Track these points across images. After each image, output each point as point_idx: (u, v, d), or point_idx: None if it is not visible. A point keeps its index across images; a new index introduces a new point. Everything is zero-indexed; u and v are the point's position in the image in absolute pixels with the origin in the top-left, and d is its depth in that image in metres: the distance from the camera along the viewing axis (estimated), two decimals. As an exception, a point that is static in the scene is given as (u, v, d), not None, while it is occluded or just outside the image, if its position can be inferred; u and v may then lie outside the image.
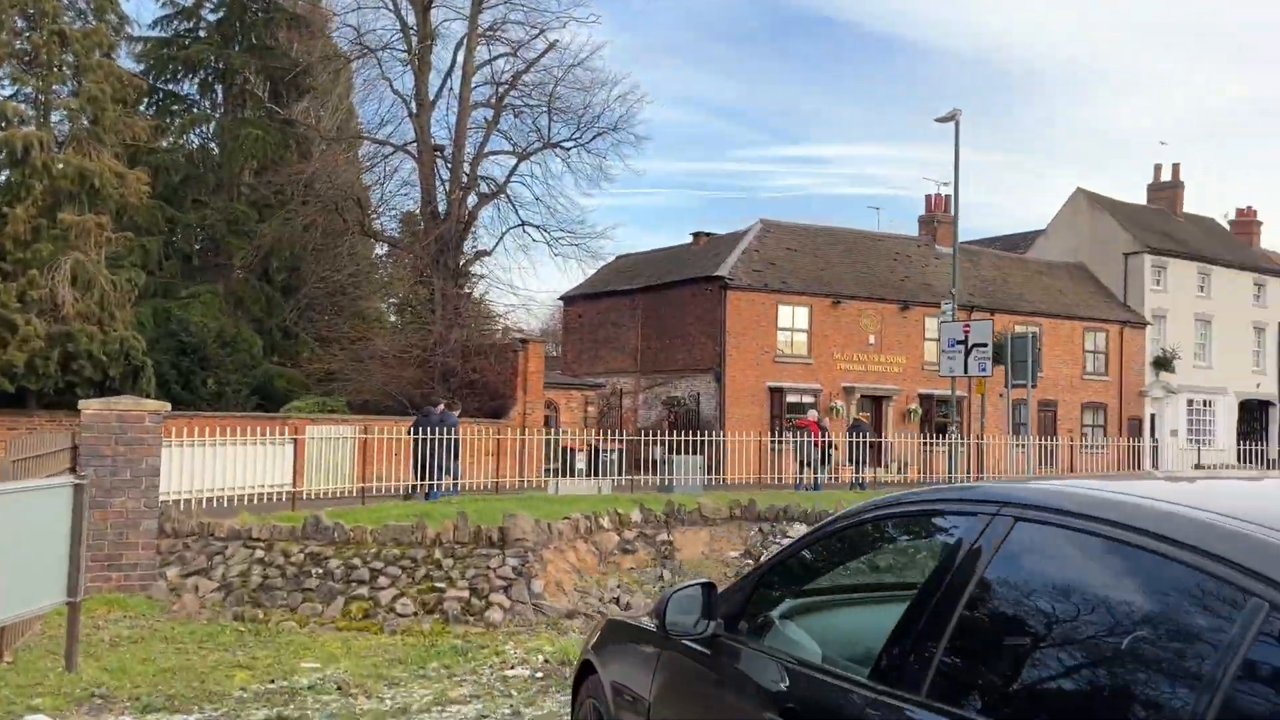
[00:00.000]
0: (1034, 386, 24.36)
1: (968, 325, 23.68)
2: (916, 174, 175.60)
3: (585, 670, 4.60)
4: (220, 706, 6.66)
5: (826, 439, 24.63)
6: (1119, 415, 42.87)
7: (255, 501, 12.77)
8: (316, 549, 10.51)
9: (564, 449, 27.35)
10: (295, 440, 13.12)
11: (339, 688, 7.01)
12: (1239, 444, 41.79)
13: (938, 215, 41.82)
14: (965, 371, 23.57)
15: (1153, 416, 44.09)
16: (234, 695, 6.91)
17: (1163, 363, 43.65)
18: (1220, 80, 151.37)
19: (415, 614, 9.48)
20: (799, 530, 11.31)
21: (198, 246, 34.10)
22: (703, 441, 25.31)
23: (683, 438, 19.88)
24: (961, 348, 23.39)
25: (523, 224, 33.61)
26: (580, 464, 25.97)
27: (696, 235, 40.65)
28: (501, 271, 52.90)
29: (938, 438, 37.00)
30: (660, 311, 38.00)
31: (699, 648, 3.47)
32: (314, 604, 9.77)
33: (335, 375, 31.86)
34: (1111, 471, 31.09)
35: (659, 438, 25.80)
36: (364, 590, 9.83)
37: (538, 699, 6.90)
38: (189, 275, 32.32)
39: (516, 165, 32.56)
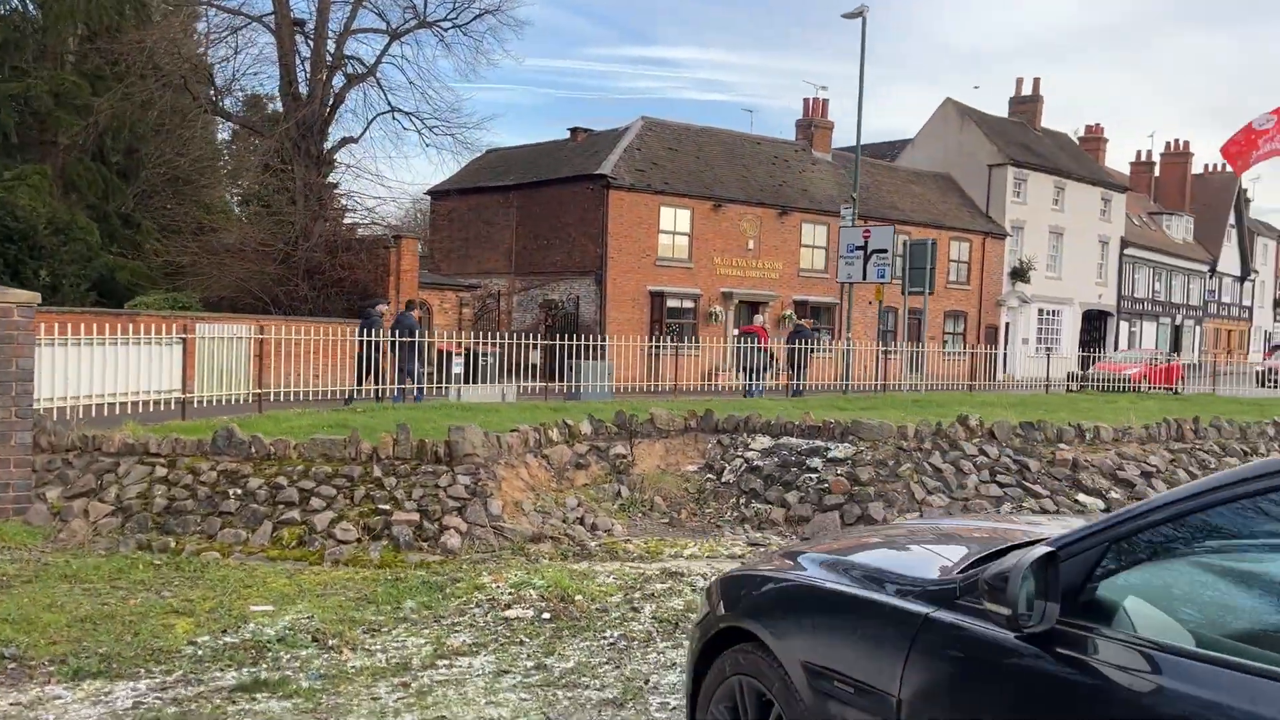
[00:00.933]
0: (931, 293, 24.40)
1: (867, 230, 23.37)
2: (769, 82, 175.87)
3: (723, 639, 3.65)
4: (173, 668, 5.41)
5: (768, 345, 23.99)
6: (978, 323, 44.32)
7: (142, 410, 11.09)
8: (231, 466, 9.07)
9: (441, 352, 25.77)
10: (185, 340, 11.42)
11: (314, 639, 5.84)
12: (1080, 351, 43.96)
13: (815, 120, 41.48)
14: (864, 277, 23.36)
15: (1007, 325, 45.77)
16: (184, 652, 5.65)
17: (1019, 273, 45.19)
18: (1062, 5, 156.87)
19: (359, 540, 8.28)
20: (762, 442, 10.62)
21: (16, 121, 30.22)
22: (589, 347, 24.23)
23: (580, 342, 18.78)
24: (860, 253, 23.11)
25: (392, 110, 31.24)
26: (457, 369, 24.60)
27: (574, 131, 39.00)
28: (370, 162, 49.74)
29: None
30: (536, 210, 36.46)
31: (1000, 632, 2.58)
32: (236, 529, 8.41)
33: (185, 269, 29.15)
34: (966, 380, 31.85)
35: (539, 341, 24.61)
36: (295, 514, 8.52)
37: (556, 646, 5.93)
38: (8, 153, 28.65)
39: (388, 45, 30.07)
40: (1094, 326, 50.50)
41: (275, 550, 8.24)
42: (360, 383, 15.24)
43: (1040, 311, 47.29)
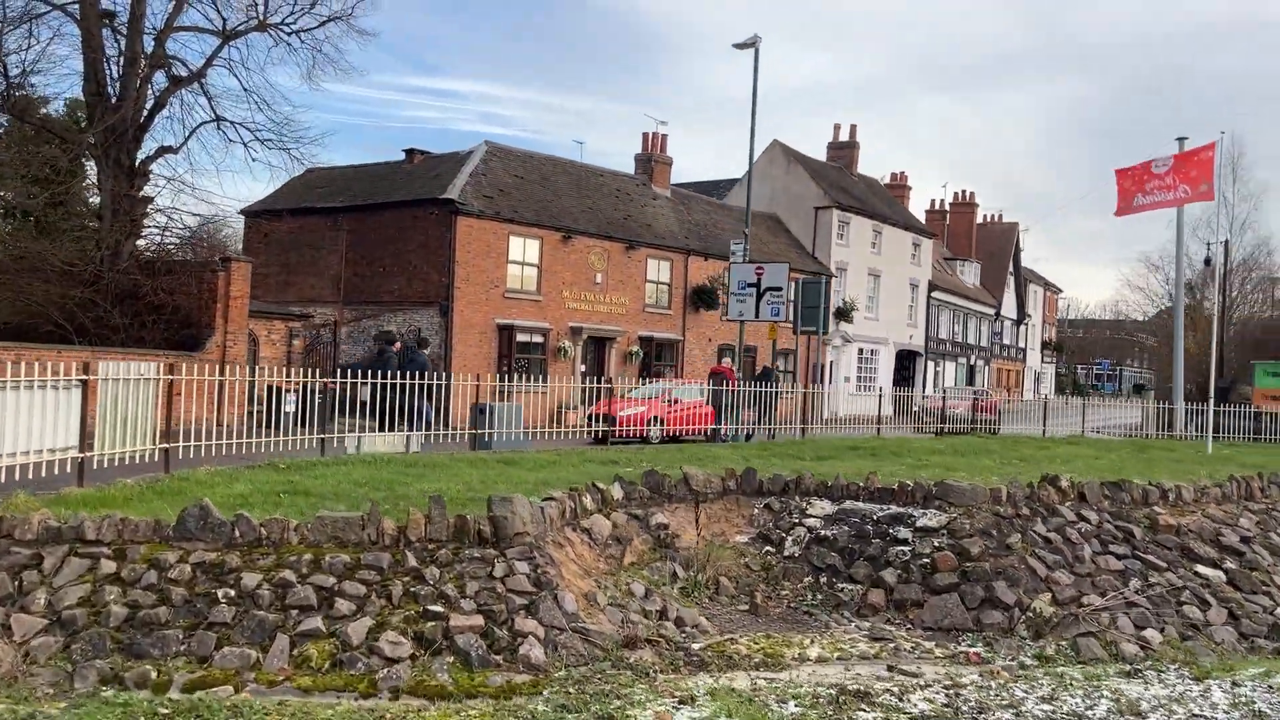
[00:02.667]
0: (825, 333, 24.00)
1: (760, 267, 22.71)
2: (551, 118, 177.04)
3: None
4: None
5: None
6: (805, 361, 45.05)
7: (32, 476, 8.47)
8: (210, 557, 6.86)
9: (273, 389, 22.84)
10: (85, 383, 8.81)
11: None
12: (895, 390, 45.59)
13: (655, 155, 41.02)
14: (757, 316, 22.66)
15: (831, 364, 46.82)
16: None
17: (843, 313, 46.39)
18: (816, 59, 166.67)
19: (413, 656, 6.34)
20: (822, 508, 9.35)
21: None
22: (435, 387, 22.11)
23: (436, 381, 16.72)
24: (753, 290, 22.40)
25: (218, 119, 27.96)
26: (289, 407, 21.93)
27: (410, 153, 36.66)
28: (197, 174, 44.84)
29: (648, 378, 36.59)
30: (371, 235, 33.84)
31: None
32: (240, 648, 6.25)
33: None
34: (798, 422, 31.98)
35: (386, 380, 22.30)
36: (318, 622, 6.47)
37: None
38: None
39: (220, 47, 26.87)
40: (905, 366, 52.63)
41: (305, 677, 6.17)
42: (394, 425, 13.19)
43: (860, 351, 48.74)
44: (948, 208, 65.48)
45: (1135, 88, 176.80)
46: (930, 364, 54.44)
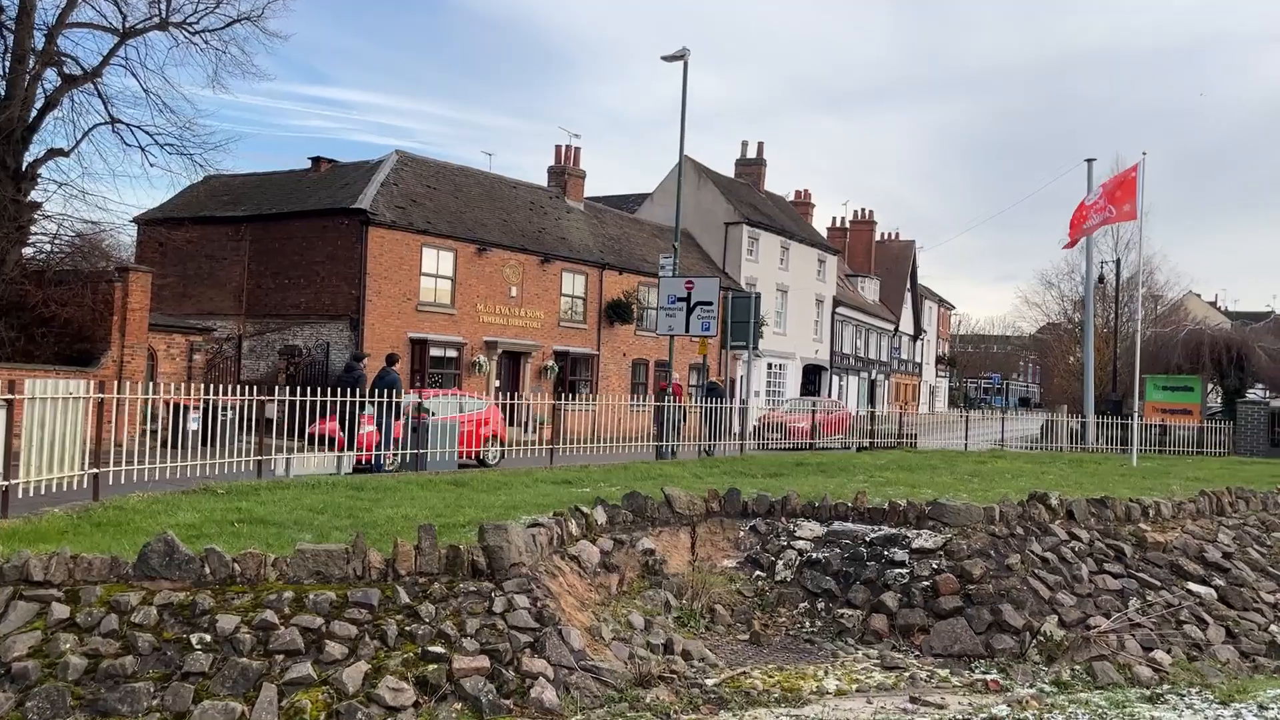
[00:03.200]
0: (756, 349, 23.93)
1: (690, 282, 22.48)
2: (450, 131, 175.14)
3: None
4: None
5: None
6: (717, 375, 45.18)
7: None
8: (178, 597, 6.13)
9: (177, 406, 21.63)
10: (10, 403, 7.87)
11: None
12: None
13: (568, 168, 40.62)
14: (687, 330, 22.42)
15: (741, 378, 47.01)
16: None
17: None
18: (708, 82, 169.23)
19: (417, 703, 5.76)
20: (811, 529, 9.02)
21: None
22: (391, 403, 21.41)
23: (388, 399, 15.99)
24: (684, 305, 22.17)
25: (113, 121, 26.42)
26: (194, 425, 20.80)
27: (315, 161, 35.44)
28: (93, 180, 42.22)
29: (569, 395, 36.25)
30: (275, 245, 32.54)
31: None
32: (223, 700, 5.56)
33: None
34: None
35: (294, 396, 21.43)
36: (307, 668, 5.81)
37: None
38: None
39: (118, 45, 25.40)
40: (811, 380, 53.27)
41: (299, 731, 5.54)
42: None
43: (770, 365, 49.11)
44: (848, 225, 66.75)
45: (1010, 112, 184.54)
46: (835, 378, 55.28)
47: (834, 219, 67.09)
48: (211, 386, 14.72)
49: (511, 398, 34.76)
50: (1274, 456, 24.72)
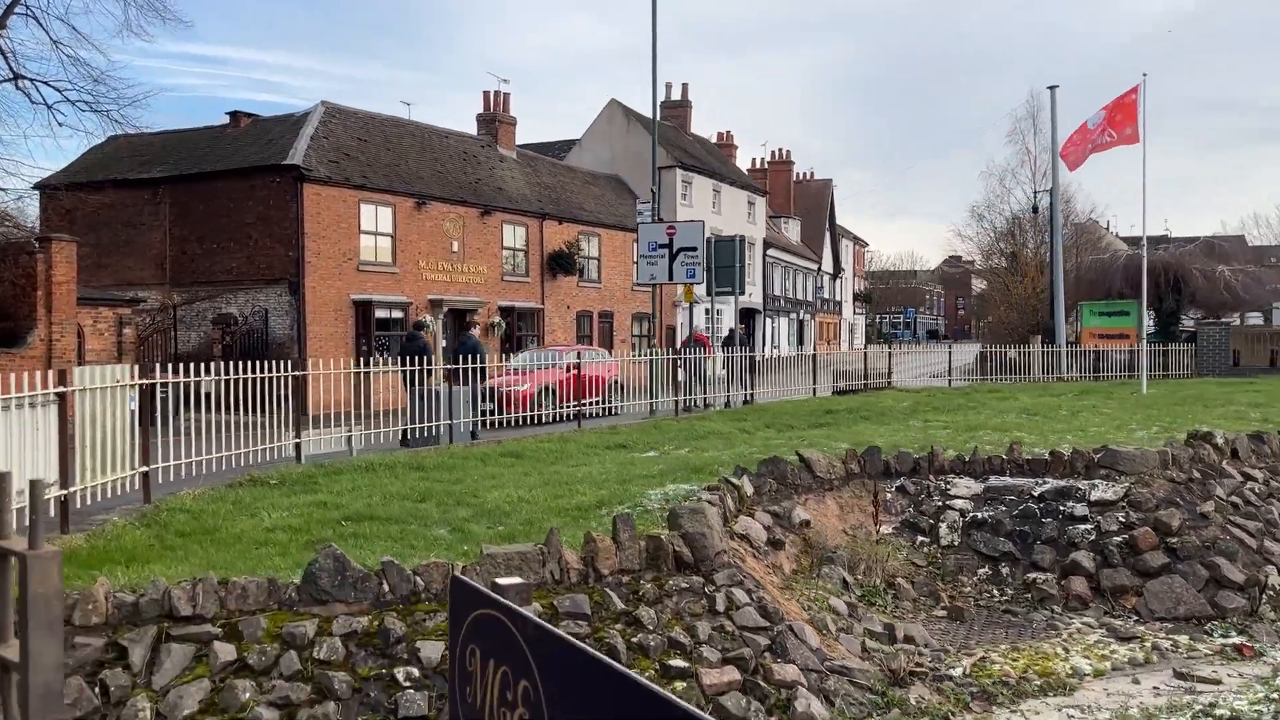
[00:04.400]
0: (741, 294, 23.19)
1: (671, 227, 21.56)
2: (332, 87, 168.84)
3: None
4: None
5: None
6: (660, 324, 44.45)
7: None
8: (362, 623, 5.10)
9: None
10: (62, 396, 6.53)
11: None
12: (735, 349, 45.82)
13: (499, 115, 38.89)
14: (671, 278, 21.52)
15: (681, 325, 46.42)
16: None
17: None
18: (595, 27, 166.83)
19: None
20: (967, 486, 8.37)
21: None
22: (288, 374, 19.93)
23: (334, 370, 14.63)
24: (665, 252, 21.23)
25: (17, 78, 23.96)
26: (131, 404, 19.13)
27: (234, 115, 33.07)
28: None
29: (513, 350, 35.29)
30: (200, 208, 30.36)
31: None
32: (445, 743, 4.61)
33: None
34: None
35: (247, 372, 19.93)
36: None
37: None
38: None
39: (19, -8, 22.91)
40: (746, 323, 52.99)
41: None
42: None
43: (706, 311, 48.51)
44: (767, 167, 66.36)
45: (898, 52, 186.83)
46: (768, 320, 55.18)
47: (754, 160, 66.55)
48: (167, 363, 13.23)
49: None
50: (1235, 376, 25.25)
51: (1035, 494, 8.64)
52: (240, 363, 11.54)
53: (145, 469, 8.01)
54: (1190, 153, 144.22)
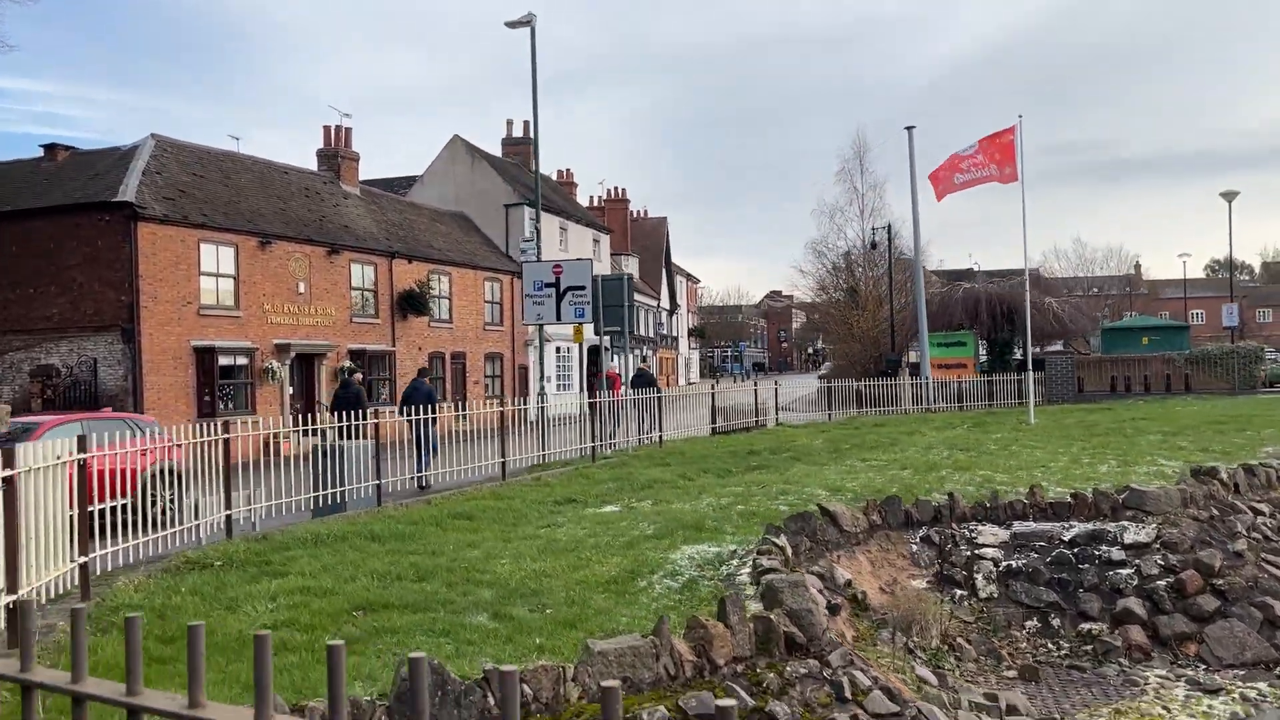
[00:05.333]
0: (631, 333, 22.64)
1: (558, 266, 20.88)
2: (128, 120, 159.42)
3: None
4: None
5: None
6: (512, 364, 43.48)
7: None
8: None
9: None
10: (9, 481, 5.15)
11: None
12: (588, 385, 45.46)
13: (341, 151, 37.20)
14: (559, 318, 20.80)
15: (531, 365, 45.64)
16: None
17: (541, 312, 45.30)
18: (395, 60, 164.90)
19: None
20: (992, 533, 7.98)
21: None
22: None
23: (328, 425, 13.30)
24: (552, 291, 20.54)
25: None
26: None
27: (51, 148, 30.19)
28: None
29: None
30: (12, 248, 27.46)
31: None
32: None
33: None
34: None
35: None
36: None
37: None
38: None
39: None
40: (592, 360, 52.63)
41: None
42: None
43: (558, 349, 47.98)
44: (604, 204, 66.59)
45: (704, 90, 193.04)
46: (615, 357, 54.90)
47: (590, 198, 66.65)
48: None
49: (308, 406, 31.49)
50: (1082, 402, 26.70)
51: (1065, 539, 8.50)
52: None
53: (84, 559, 6.65)
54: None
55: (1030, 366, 23.14)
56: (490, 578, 6.72)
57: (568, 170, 57.38)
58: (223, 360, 28.30)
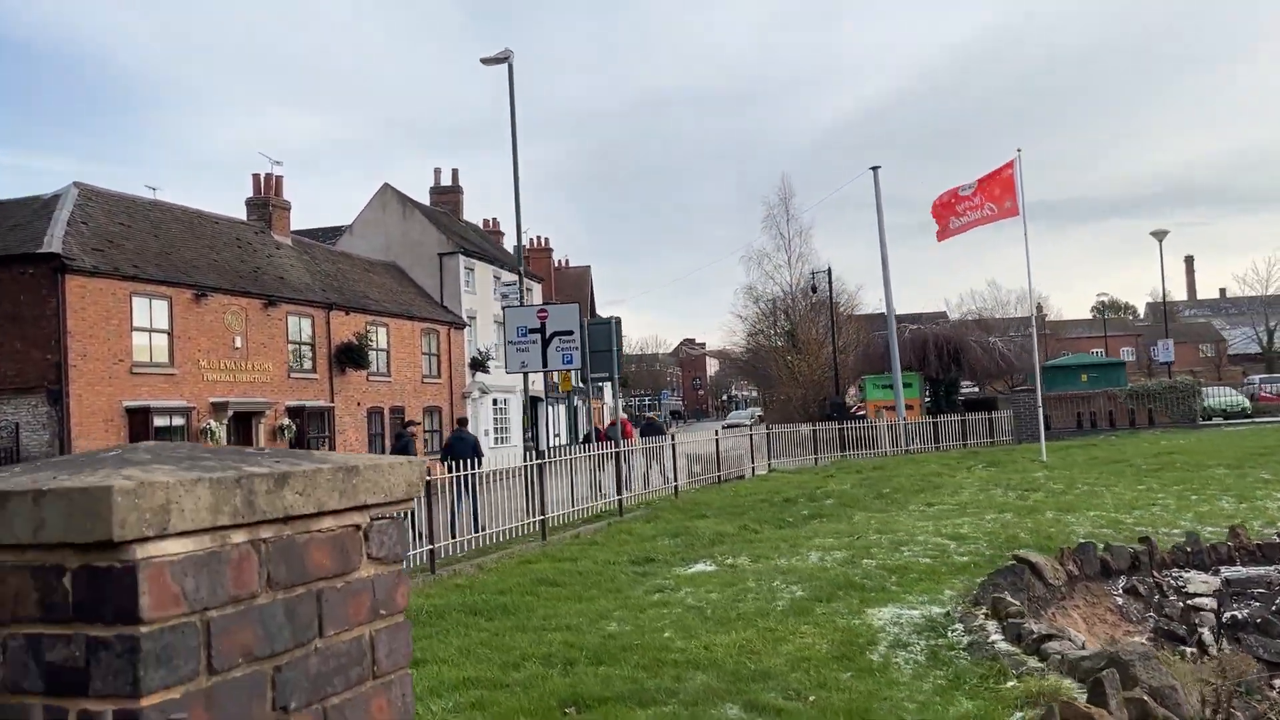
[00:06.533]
0: (620, 379, 21.65)
1: (543, 310, 19.85)
2: (15, 182, 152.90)
3: None
4: None
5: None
6: (451, 417, 41.92)
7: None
8: None
9: None
10: None
11: None
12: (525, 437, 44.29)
13: (272, 199, 35.51)
14: (545, 365, 19.71)
15: (470, 418, 44.16)
16: None
17: (479, 363, 44.06)
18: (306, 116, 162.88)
19: None
20: (1202, 581, 7.23)
21: None
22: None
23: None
24: (538, 337, 19.47)
25: None
26: None
27: (-40, 196, 27.85)
28: None
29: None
30: (-81, 305, 25.08)
31: None
32: None
33: None
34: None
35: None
36: None
37: None
38: None
39: None
40: (530, 412, 51.33)
41: None
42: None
43: (495, 401, 46.67)
44: (528, 254, 65.63)
45: (605, 147, 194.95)
46: (550, 408, 53.70)
47: (513, 248, 65.54)
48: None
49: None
50: (1057, 439, 26.69)
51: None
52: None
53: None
54: (900, 238, 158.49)
55: (993, 406, 23.20)
56: (684, 656, 5.72)
57: (494, 219, 56.40)
58: (158, 421, 26.31)
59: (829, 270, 41.89)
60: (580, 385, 63.87)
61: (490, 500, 12.92)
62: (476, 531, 12.30)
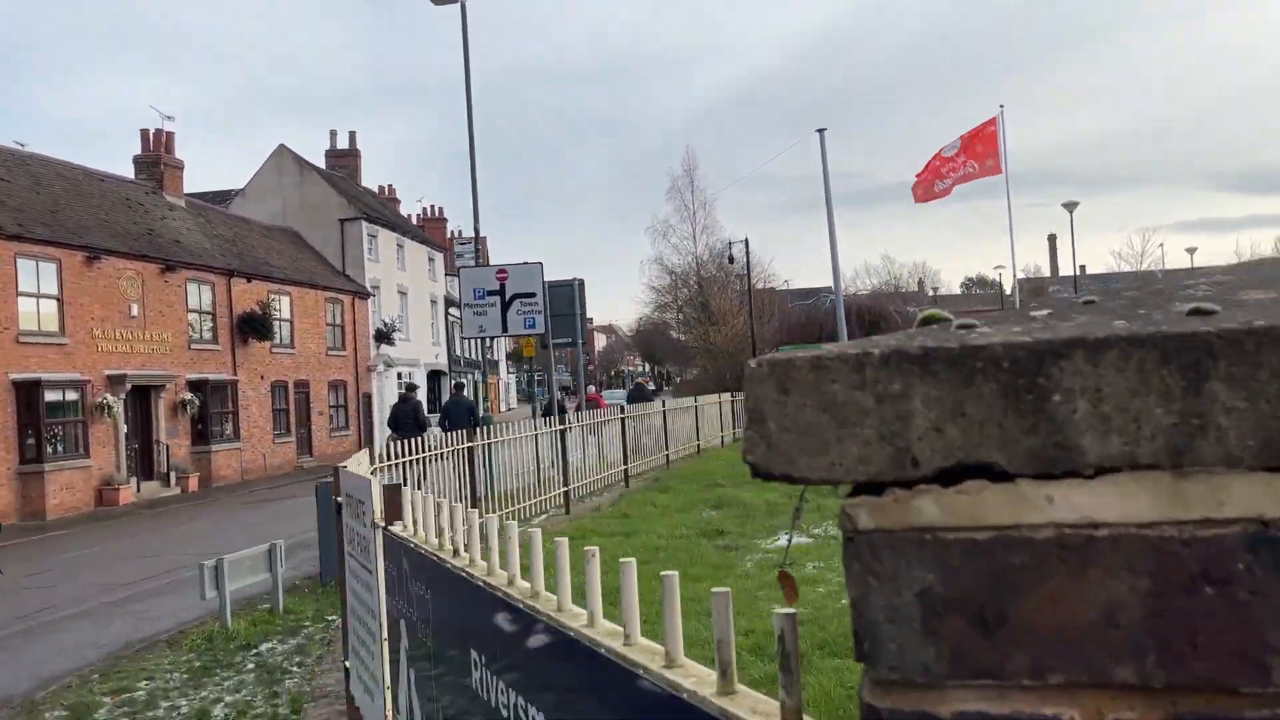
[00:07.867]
0: (583, 343, 20.55)
1: (502, 271, 18.63)
2: None
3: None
4: None
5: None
6: (356, 392, 40.00)
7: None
8: None
9: None
10: None
11: None
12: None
13: (164, 157, 32.79)
14: (505, 330, 18.52)
15: (376, 391, 42.30)
16: None
17: (383, 335, 42.18)
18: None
19: None
20: None
21: None
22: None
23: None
24: (496, 300, 18.27)
25: None
26: None
27: None
28: None
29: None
30: None
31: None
32: None
33: None
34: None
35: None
36: None
37: None
38: None
39: None
40: (433, 387, 49.64)
41: None
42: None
43: (400, 375, 44.74)
44: (423, 223, 63.45)
45: (477, 119, 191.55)
46: (451, 382, 52.03)
47: (409, 215, 63.26)
48: None
49: (146, 447, 27.24)
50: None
51: None
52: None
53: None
54: (799, 212, 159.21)
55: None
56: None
57: (390, 186, 54.07)
58: (49, 395, 23.90)
59: (745, 240, 41.58)
60: (479, 359, 62.14)
61: (505, 466, 11.80)
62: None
